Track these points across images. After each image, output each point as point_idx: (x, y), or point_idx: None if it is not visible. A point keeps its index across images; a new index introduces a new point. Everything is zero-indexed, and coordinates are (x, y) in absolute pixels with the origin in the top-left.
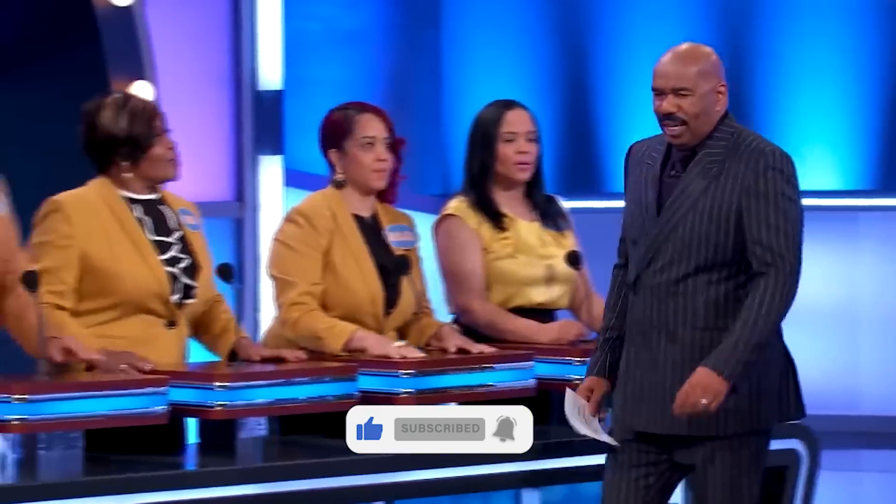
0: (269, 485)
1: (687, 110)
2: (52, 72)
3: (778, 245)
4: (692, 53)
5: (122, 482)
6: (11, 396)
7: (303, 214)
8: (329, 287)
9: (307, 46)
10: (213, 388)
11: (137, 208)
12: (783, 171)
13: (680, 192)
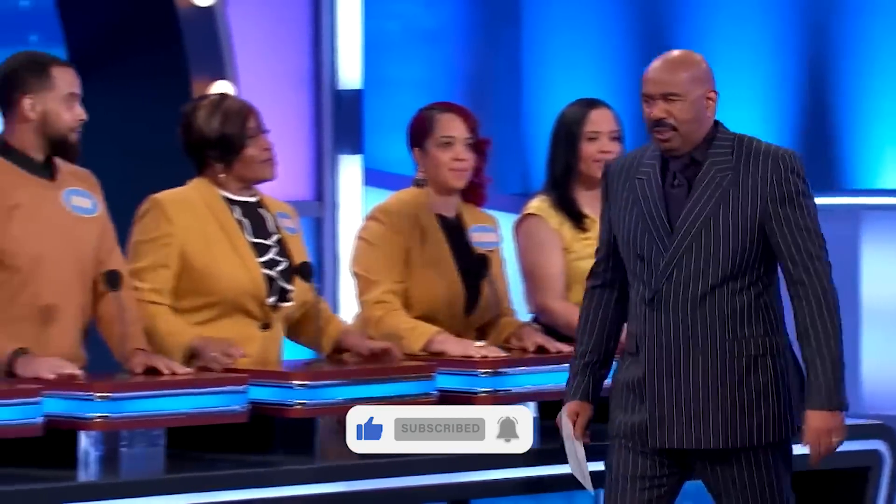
0: (347, 483)
1: (677, 116)
2: (135, 72)
3: (814, 247)
4: (682, 59)
5: (203, 480)
6: (94, 394)
7: (386, 212)
8: (410, 286)
9: (387, 45)
10: (292, 387)
11: (237, 210)
12: (800, 172)
13: (694, 203)
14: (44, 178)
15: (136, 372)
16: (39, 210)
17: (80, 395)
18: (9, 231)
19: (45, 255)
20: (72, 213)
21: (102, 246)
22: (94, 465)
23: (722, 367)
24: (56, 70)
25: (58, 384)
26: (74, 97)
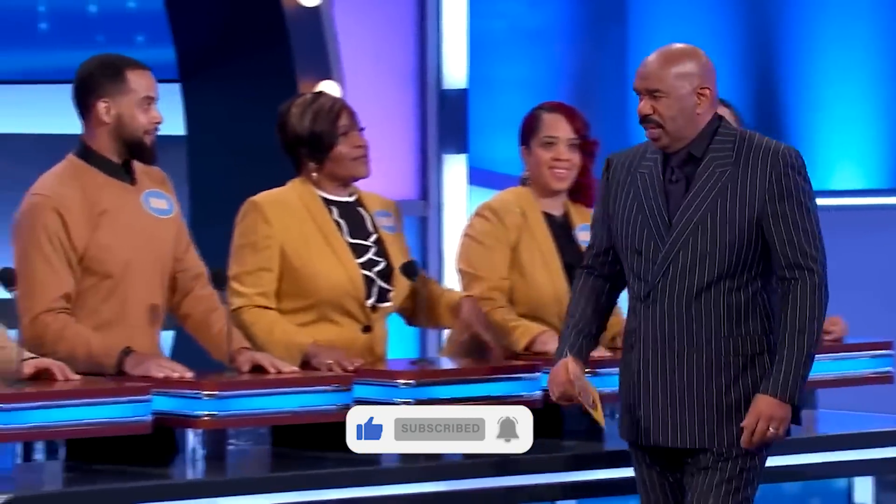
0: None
1: (662, 112)
2: (242, 73)
3: (809, 247)
4: (672, 55)
5: (308, 478)
6: (202, 392)
7: (492, 210)
8: (515, 283)
9: (492, 45)
10: (398, 387)
11: (334, 210)
12: (801, 170)
13: (692, 198)
14: (124, 181)
15: (242, 370)
16: (123, 214)
17: (188, 394)
18: (98, 238)
19: (131, 259)
20: (151, 215)
21: (179, 245)
22: (202, 463)
23: (718, 365)
24: (131, 73)
25: (166, 382)
26: (150, 100)
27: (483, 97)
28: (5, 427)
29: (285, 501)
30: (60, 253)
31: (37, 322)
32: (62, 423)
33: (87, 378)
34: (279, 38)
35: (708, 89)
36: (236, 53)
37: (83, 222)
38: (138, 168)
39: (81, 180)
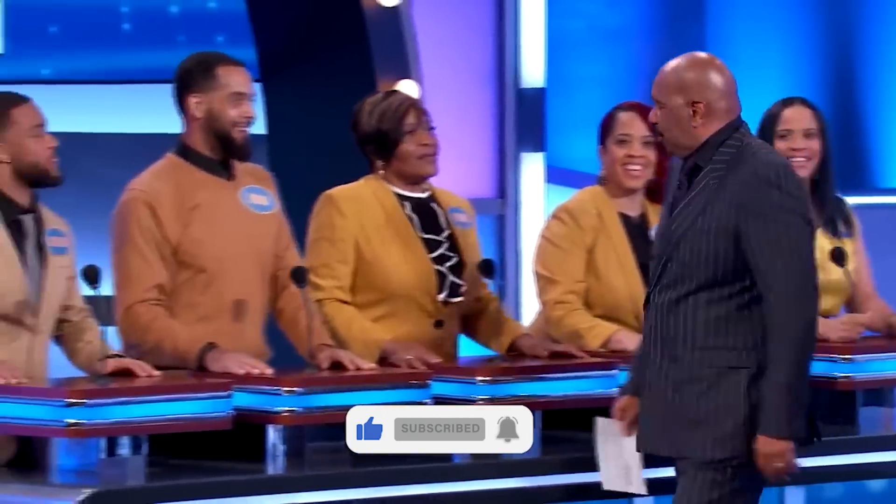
0: (531, 479)
1: (660, 122)
2: (322, 73)
3: (776, 266)
4: (675, 67)
5: (389, 474)
6: (281, 389)
7: (568, 212)
8: (591, 285)
9: (570, 44)
10: (475, 383)
11: (407, 205)
12: (780, 185)
13: (683, 208)
14: (222, 177)
15: (322, 367)
16: (219, 209)
17: (268, 390)
18: (191, 232)
19: (227, 253)
20: (250, 210)
21: (279, 242)
22: (282, 459)
23: (689, 376)
24: (222, 69)
25: (247, 379)
26: (241, 96)
27: (561, 96)
28: (89, 422)
29: (365, 497)
30: (153, 245)
31: (129, 313)
32: (144, 418)
33: (169, 374)
34: (359, 38)
35: (701, 103)
36: (316, 53)
37: (175, 217)
38: (241, 166)
39: (176, 176)
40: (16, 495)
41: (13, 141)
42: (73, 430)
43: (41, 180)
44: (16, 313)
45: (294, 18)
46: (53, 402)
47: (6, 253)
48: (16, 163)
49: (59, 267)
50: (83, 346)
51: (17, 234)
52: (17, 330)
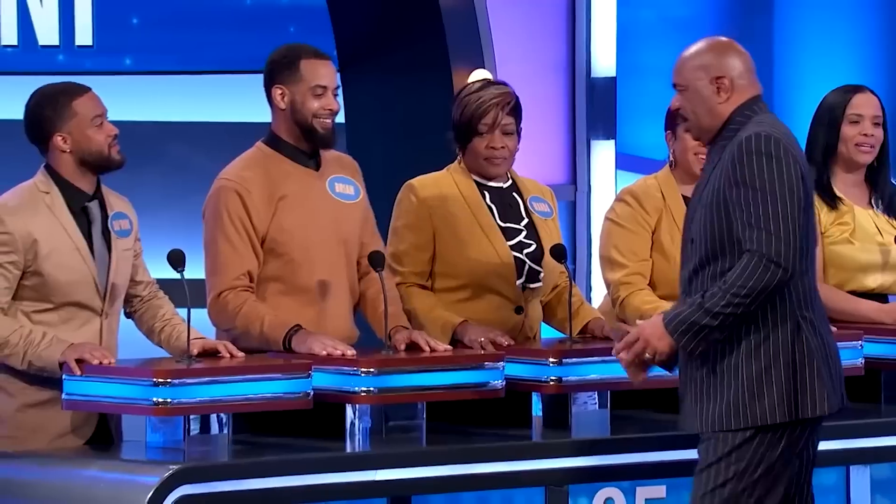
0: (602, 457)
1: (685, 106)
2: (399, 64)
3: (758, 229)
4: (697, 48)
5: (463, 452)
6: (360, 369)
7: (633, 194)
8: (656, 264)
9: (640, 34)
10: (547, 364)
11: (487, 194)
12: (761, 151)
13: (697, 187)
14: (309, 167)
15: (398, 348)
16: (307, 198)
17: (347, 371)
18: (279, 222)
19: (314, 242)
20: (336, 199)
21: (364, 230)
22: (360, 437)
23: (702, 354)
24: (305, 62)
25: (327, 360)
26: (324, 89)
27: (631, 85)
28: (175, 401)
29: (441, 474)
30: (242, 233)
31: (219, 299)
32: (228, 397)
33: (252, 355)
34: (434, 29)
35: (725, 77)
36: (393, 43)
37: (263, 205)
38: (328, 155)
39: (265, 165)
40: (104, 471)
41: (76, 132)
42: (160, 408)
43: (105, 166)
44: (86, 299)
45: (371, 9)
46: (141, 381)
47: (74, 241)
48: (79, 152)
49: (124, 249)
50: (162, 325)
51: (84, 221)
52: (87, 314)
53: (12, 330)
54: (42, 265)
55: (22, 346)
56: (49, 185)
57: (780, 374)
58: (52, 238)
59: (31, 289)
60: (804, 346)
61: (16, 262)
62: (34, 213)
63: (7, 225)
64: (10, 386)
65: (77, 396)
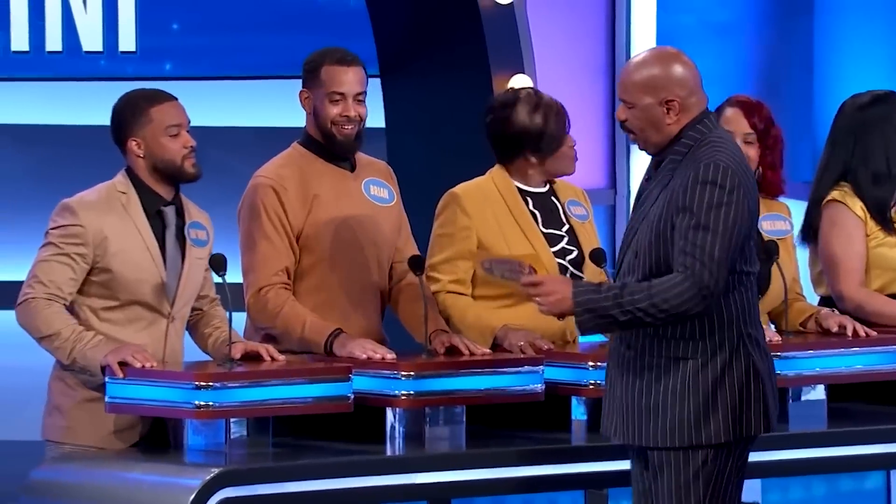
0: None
1: (631, 122)
2: (439, 67)
3: (694, 258)
4: (642, 63)
5: (502, 455)
6: (399, 373)
7: None
8: None
9: (680, 39)
10: (587, 368)
11: (530, 200)
12: (715, 182)
13: (642, 201)
14: (344, 168)
15: (438, 352)
16: (340, 198)
17: (387, 374)
18: (313, 219)
19: (346, 241)
20: (370, 201)
21: (399, 234)
22: (400, 440)
23: (640, 365)
24: (326, 68)
25: (367, 363)
26: (341, 95)
27: None
28: (216, 404)
29: (481, 478)
30: (280, 229)
31: (258, 297)
32: (269, 401)
33: (293, 358)
34: (474, 34)
35: (674, 101)
36: (433, 48)
37: (298, 203)
38: (363, 158)
39: (300, 165)
40: (147, 473)
41: (150, 138)
42: (201, 411)
43: (176, 177)
44: (152, 300)
45: (411, 13)
46: (183, 384)
47: (146, 241)
48: (151, 159)
49: (198, 258)
50: (210, 331)
51: (159, 225)
52: (153, 316)
53: (66, 324)
54: (110, 262)
55: (71, 341)
56: (127, 185)
57: (728, 392)
58: (122, 236)
59: (99, 285)
60: (751, 363)
61: (84, 254)
62: (108, 210)
63: (80, 218)
64: (71, 380)
65: (120, 399)
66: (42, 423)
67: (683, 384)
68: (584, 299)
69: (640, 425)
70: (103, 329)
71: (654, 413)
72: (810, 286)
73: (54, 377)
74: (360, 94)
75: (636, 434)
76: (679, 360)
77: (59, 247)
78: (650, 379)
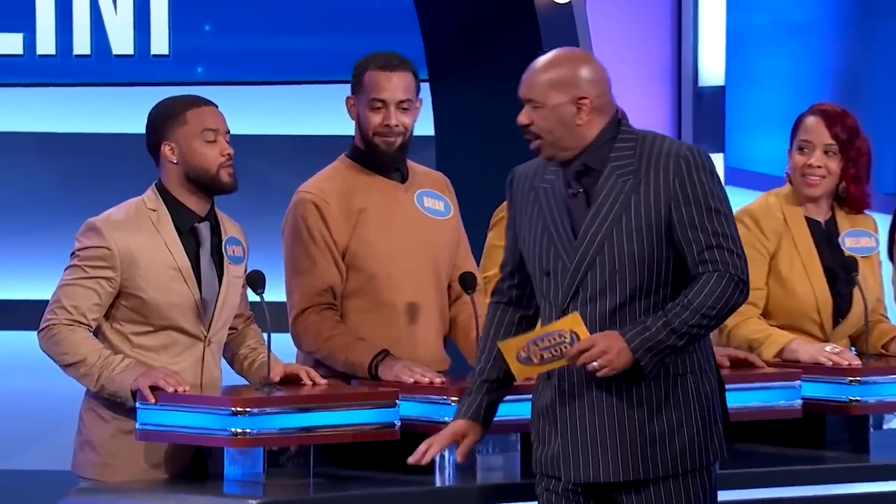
0: None
1: (538, 124)
2: (492, 70)
3: (725, 249)
4: (551, 61)
5: None
6: (449, 398)
7: (751, 215)
8: (772, 292)
9: (752, 39)
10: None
11: None
12: (706, 167)
13: (595, 212)
14: (395, 179)
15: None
16: (390, 211)
17: (436, 399)
18: (359, 234)
19: (397, 256)
20: (424, 214)
21: (457, 251)
22: (450, 471)
23: (637, 390)
24: (369, 74)
25: (414, 388)
26: (382, 102)
27: (742, 94)
28: (255, 432)
29: None
30: (322, 246)
31: (301, 319)
32: (310, 428)
33: (335, 382)
34: (530, 35)
35: (587, 99)
36: (486, 50)
37: (342, 218)
38: (417, 169)
39: (346, 177)
40: None
41: (183, 142)
42: (238, 439)
43: (210, 187)
44: (189, 324)
45: (463, 13)
46: (218, 410)
47: (178, 262)
48: (184, 165)
49: (235, 277)
50: (246, 352)
51: (193, 243)
52: (189, 340)
53: (92, 349)
54: (141, 285)
55: (98, 366)
56: (157, 202)
57: (720, 403)
58: (153, 257)
59: (130, 309)
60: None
61: (111, 278)
62: (137, 229)
63: (106, 239)
64: (104, 411)
65: (151, 427)
66: (73, 458)
67: (687, 401)
68: (639, 342)
69: (644, 456)
70: (136, 356)
71: (660, 438)
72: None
73: (85, 407)
74: (403, 102)
75: (639, 466)
76: (681, 376)
77: (84, 270)
78: (651, 403)
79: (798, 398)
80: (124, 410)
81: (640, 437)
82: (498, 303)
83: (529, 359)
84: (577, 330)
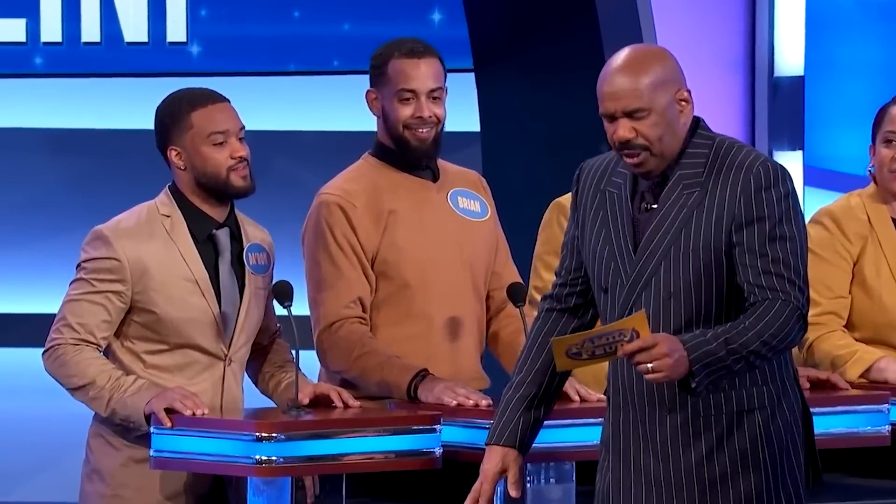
0: None
1: (647, 134)
2: (544, 61)
3: (781, 277)
4: (639, 61)
5: None
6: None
7: (832, 216)
8: (857, 301)
9: (835, 25)
10: None
11: None
12: (780, 187)
13: (655, 228)
14: (425, 178)
15: None
16: (422, 212)
17: (481, 424)
18: (389, 238)
19: (431, 261)
20: (458, 215)
21: (496, 257)
22: (498, 502)
23: (695, 427)
24: (393, 62)
25: (458, 411)
26: (411, 92)
27: (823, 85)
28: (281, 459)
29: None
30: (349, 252)
31: (327, 335)
32: (342, 455)
33: (370, 405)
34: (587, 23)
35: (686, 92)
36: (538, 38)
37: (371, 221)
38: (448, 167)
39: (372, 177)
40: None
41: (189, 147)
42: (262, 468)
43: (222, 192)
44: (207, 342)
45: (523, 4)
46: (241, 435)
47: (195, 273)
48: (192, 171)
49: (258, 288)
50: (272, 370)
51: (211, 252)
52: (208, 359)
53: (102, 370)
54: (154, 299)
55: (109, 389)
56: (171, 207)
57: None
58: (166, 268)
59: (143, 326)
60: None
61: (121, 292)
62: (149, 237)
63: (115, 249)
64: (114, 438)
65: (167, 454)
66: (80, 490)
67: (754, 441)
68: (699, 354)
69: (704, 497)
70: (149, 377)
71: (720, 482)
72: None
73: (93, 433)
74: (434, 91)
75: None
76: (745, 413)
77: (92, 283)
78: (710, 443)
79: (887, 424)
80: (136, 437)
81: (696, 481)
82: (551, 310)
83: (579, 353)
84: (639, 328)
